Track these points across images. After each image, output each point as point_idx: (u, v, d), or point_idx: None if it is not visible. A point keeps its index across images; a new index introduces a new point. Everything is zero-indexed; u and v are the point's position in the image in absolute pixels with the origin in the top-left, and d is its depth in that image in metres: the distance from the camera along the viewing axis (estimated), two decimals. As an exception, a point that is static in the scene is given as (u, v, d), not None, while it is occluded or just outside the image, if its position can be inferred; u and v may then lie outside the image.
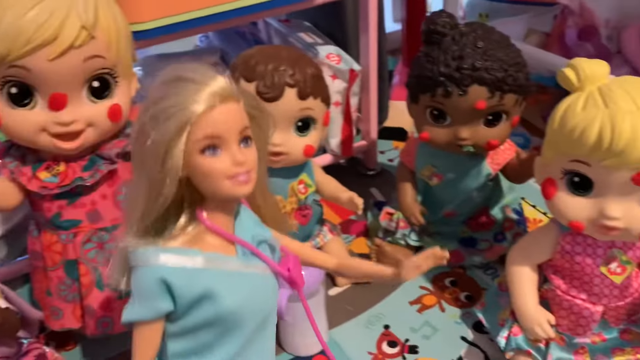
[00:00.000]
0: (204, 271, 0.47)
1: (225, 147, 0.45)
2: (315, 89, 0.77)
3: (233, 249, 0.49)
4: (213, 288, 0.47)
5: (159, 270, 0.46)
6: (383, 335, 0.81)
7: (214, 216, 0.48)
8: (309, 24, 1.18)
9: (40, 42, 0.58)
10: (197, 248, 0.47)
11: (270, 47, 0.80)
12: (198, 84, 0.45)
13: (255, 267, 0.50)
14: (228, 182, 0.46)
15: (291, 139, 0.79)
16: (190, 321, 0.48)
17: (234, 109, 0.46)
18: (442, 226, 0.93)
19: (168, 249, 0.46)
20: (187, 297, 0.46)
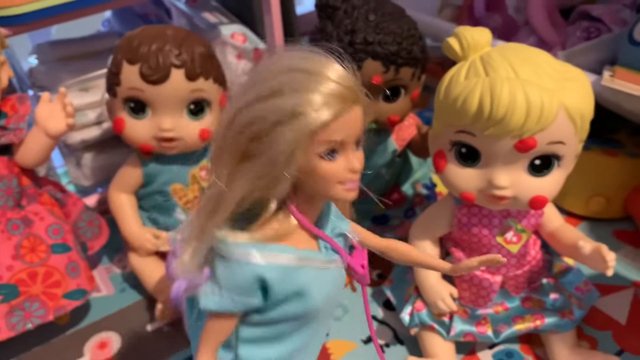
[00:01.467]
0: (298, 269, 0.45)
1: (343, 151, 0.43)
2: (205, 69, 0.74)
3: (315, 244, 0.47)
4: (305, 286, 0.45)
5: (256, 267, 0.43)
6: (293, 320, 0.79)
7: (302, 209, 0.46)
8: (215, 4, 1.13)
9: None
10: (289, 244, 0.45)
11: (155, 27, 0.75)
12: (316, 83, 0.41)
13: (335, 262, 0.48)
14: (339, 187, 0.44)
15: (184, 123, 0.75)
16: (276, 314, 0.46)
17: (359, 114, 0.43)
18: (358, 205, 0.91)
19: (265, 246, 0.44)
20: (281, 294, 0.45)
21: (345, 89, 0.42)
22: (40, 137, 0.68)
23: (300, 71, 0.41)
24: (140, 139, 0.75)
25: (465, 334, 0.69)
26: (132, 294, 0.85)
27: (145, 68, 0.71)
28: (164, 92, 0.72)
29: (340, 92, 0.41)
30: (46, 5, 0.74)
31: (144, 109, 0.74)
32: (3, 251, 0.67)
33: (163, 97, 0.73)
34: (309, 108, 0.40)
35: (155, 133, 0.74)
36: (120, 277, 0.89)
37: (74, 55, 0.98)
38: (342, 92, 0.41)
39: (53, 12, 0.75)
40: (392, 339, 0.76)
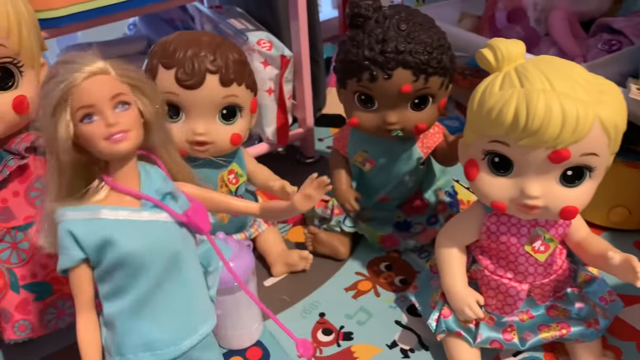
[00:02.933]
0: (103, 221, 0.53)
1: (100, 114, 0.51)
2: (238, 75, 0.75)
3: (138, 203, 0.56)
4: (111, 235, 0.53)
5: (66, 223, 0.53)
6: (318, 323, 0.80)
7: (117, 176, 0.55)
8: (241, 11, 1.15)
9: None
10: (98, 204, 0.54)
11: (190, 32, 0.77)
12: (74, 64, 0.51)
13: (158, 215, 0.56)
14: (105, 142, 0.52)
15: (216, 127, 0.77)
16: (104, 266, 0.54)
17: (103, 80, 0.52)
18: (377, 211, 0.93)
19: (75, 207, 0.53)
20: (91, 245, 0.53)
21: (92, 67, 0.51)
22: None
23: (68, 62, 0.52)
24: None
25: (491, 340, 0.70)
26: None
27: (180, 73, 0.72)
28: (198, 96, 0.73)
29: (85, 68, 0.51)
30: (84, 9, 0.76)
31: (178, 112, 0.75)
32: (38, 250, 0.69)
33: (197, 101, 0.74)
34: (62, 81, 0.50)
35: (188, 137, 0.76)
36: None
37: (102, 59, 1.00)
38: (86, 68, 0.51)
39: (90, 16, 0.77)
40: (416, 345, 0.77)
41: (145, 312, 0.56)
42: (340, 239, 0.90)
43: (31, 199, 0.68)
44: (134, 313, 0.56)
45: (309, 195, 0.61)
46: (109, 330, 0.57)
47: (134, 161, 0.56)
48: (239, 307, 0.74)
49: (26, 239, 0.68)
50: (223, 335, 0.76)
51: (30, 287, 0.69)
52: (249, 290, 0.62)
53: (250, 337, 0.77)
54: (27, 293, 0.69)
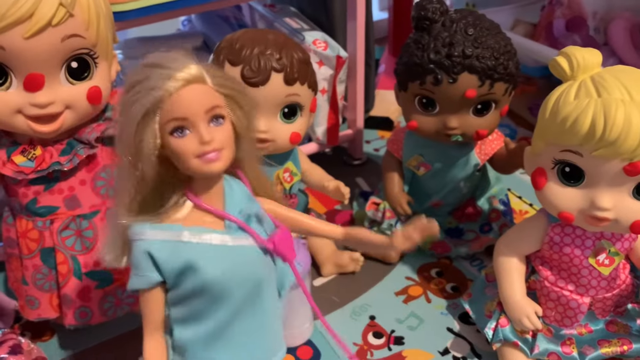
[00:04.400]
0: (187, 244, 0.50)
1: (193, 128, 0.47)
2: (302, 74, 0.75)
3: (222, 224, 0.52)
4: (194, 260, 0.49)
5: (144, 243, 0.49)
6: (369, 326, 0.80)
7: (201, 193, 0.51)
8: (294, 10, 1.15)
9: (15, 19, 0.56)
10: (180, 223, 0.50)
11: (256, 30, 0.77)
12: (167, 69, 0.47)
13: (243, 240, 0.52)
14: (197, 161, 0.48)
15: (277, 125, 0.77)
16: (181, 290, 0.51)
17: (199, 90, 0.47)
18: (429, 216, 0.91)
19: (155, 225, 0.50)
20: (171, 269, 0.50)
21: (186, 73, 0.47)
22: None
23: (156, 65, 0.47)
24: (234, 138, 0.77)
25: (549, 353, 0.69)
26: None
27: (247, 70, 0.73)
28: (262, 94, 0.74)
29: (179, 76, 0.46)
30: (153, 3, 0.77)
31: (241, 109, 0.76)
32: (102, 239, 0.70)
33: (261, 99, 0.74)
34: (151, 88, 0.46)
35: (249, 133, 0.76)
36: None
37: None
38: (180, 75, 0.46)
39: (158, 10, 0.78)
40: (469, 353, 0.76)
41: (221, 342, 0.53)
42: (391, 243, 0.89)
43: (97, 188, 0.69)
44: (209, 341, 0.53)
45: (410, 236, 0.58)
46: (178, 355, 0.54)
47: (222, 176, 0.52)
48: (292, 306, 0.74)
49: (90, 227, 0.69)
50: (275, 332, 0.77)
51: (92, 275, 0.70)
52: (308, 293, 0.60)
53: (301, 335, 0.77)
54: (89, 281, 0.70)
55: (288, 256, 0.54)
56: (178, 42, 1.03)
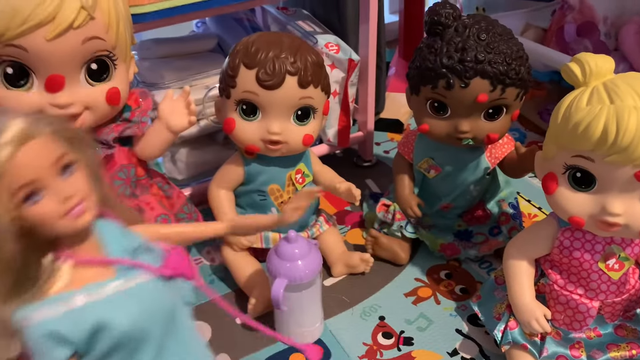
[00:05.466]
0: (86, 307, 0.46)
1: (45, 188, 0.43)
2: (316, 78, 0.76)
3: (112, 270, 0.48)
4: (101, 319, 0.46)
5: (42, 325, 0.44)
6: (378, 326, 0.81)
7: (76, 249, 0.47)
8: (307, 13, 1.16)
9: (38, 21, 0.57)
10: (71, 288, 0.46)
11: (271, 33, 0.79)
12: None
13: (139, 277, 0.49)
14: (65, 221, 0.44)
15: (290, 127, 0.78)
16: (96, 353, 0.47)
17: (36, 147, 0.42)
18: (438, 219, 0.93)
19: (42, 303, 0.45)
20: (81, 337, 0.45)
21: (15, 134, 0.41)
22: (162, 131, 0.72)
23: None
24: (248, 139, 0.78)
25: (558, 356, 0.69)
26: (221, 286, 0.88)
27: (262, 73, 0.74)
28: (276, 97, 0.75)
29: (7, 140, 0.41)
30: (168, 6, 0.78)
31: (255, 111, 0.77)
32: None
33: (275, 101, 0.75)
34: None
35: (263, 135, 0.77)
36: (208, 269, 0.92)
37: (175, 54, 1.03)
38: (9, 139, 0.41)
39: (174, 13, 0.79)
40: (477, 355, 0.76)
41: None
42: (400, 244, 0.90)
43: (115, 187, 0.71)
44: None
45: (297, 206, 0.60)
46: None
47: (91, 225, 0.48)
48: (302, 306, 0.76)
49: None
50: (285, 332, 0.78)
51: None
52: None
53: (312, 335, 0.78)
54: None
55: (188, 274, 0.51)
56: (192, 45, 1.05)
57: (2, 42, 0.58)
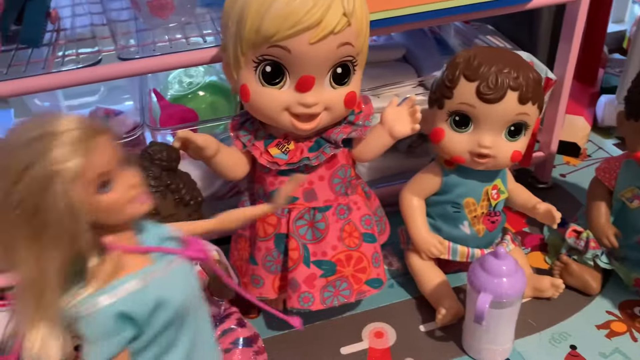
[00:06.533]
0: (144, 288, 0.50)
1: (115, 177, 0.47)
2: (535, 95, 0.76)
3: (149, 258, 0.52)
4: (160, 296, 0.50)
5: (107, 308, 0.48)
6: (570, 355, 0.78)
7: (118, 239, 0.50)
8: (491, 27, 1.15)
9: (307, 25, 0.61)
10: (124, 274, 0.49)
11: (492, 48, 0.79)
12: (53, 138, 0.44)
13: (174, 262, 0.53)
14: (133, 206, 0.48)
15: (500, 142, 0.78)
16: (152, 331, 0.51)
17: (107, 141, 0.47)
18: (633, 252, 0.88)
19: (102, 290, 0.48)
20: (144, 315, 0.50)
21: (80, 130, 0.44)
22: (383, 136, 0.74)
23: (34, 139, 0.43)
24: (456, 150, 0.79)
25: None
26: (400, 292, 0.90)
27: (483, 87, 0.74)
28: (494, 111, 0.75)
29: (78, 136, 0.44)
30: (395, 15, 0.80)
31: (468, 123, 0.78)
32: (332, 232, 0.75)
33: (492, 115, 0.76)
34: (59, 165, 0.43)
35: (473, 148, 0.78)
36: (387, 273, 0.93)
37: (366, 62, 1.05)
38: (79, 135, 0.44)
39: (401, 21, 0.81)
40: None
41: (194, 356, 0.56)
42: (592, 274, 0.87)
43: (333, 185, 0.74)
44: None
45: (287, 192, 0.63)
46: None
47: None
48: (499, 323, 0.75)
49: (323, 220, 0.74)
50: (476, 347, 0.78)
51: (319, 264, 0.75)
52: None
53: (502, 354, 0.78)
54: (316, 269, 0.75)
55: (204, 258, 0.56)
56: (382, 53, 1.07)
57: (270, 42, 0.63)
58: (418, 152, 1.03)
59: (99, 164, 0.45)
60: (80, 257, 0.47)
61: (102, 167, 0.45)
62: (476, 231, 0.86)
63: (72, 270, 0.47)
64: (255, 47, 0.64)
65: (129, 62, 0.77)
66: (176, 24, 0.86)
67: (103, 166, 0.46)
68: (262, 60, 0.65)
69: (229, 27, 0.66)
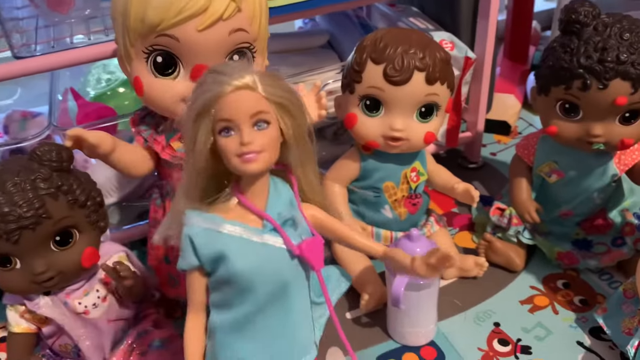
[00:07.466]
0: (223, 235, 0.53)
1: (237, 129, 0.51)
2: (443, 74, 0.75)
3: (260, 222, 0.55)
4: (226, 251, 0.53)
5: (189, 229, 0.53)
6: (493, 332, 0.79)
7: (246, 191, 0.54)
8: (416, 10, 1.15)
9: (192, 12, 0.59)
10: (222, 215, 0.54)
11: (399, 29, 0.78)
12: (223, 76, 0.50)
13: (275, 240, 0.54)
14: (236, 159, 0.51)
15: (412, 124, 0.77)
16: (216, 277, 0.54)
17: (246, 96, 0.50)
18: (555, 226, 0.89)
19: (200, 214, 0.53)
20: (207, 255, 0.53)
21: (239, 80, 0.50)
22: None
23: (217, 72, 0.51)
24: (369, 135, 0.78)
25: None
26: (329, 281, 0.89)
27: (389, 69, 0.73)
28: (402, 93, 0.74)
29: (232, 82, 0.50)
30: (293, 2, 0.79)
31: (379, 107, 0.77)
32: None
33: (400, 97, 0.75)
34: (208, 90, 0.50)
35: (385, 131, 0.77)
36: (316, 263, 0.92)
37: (289, 49, 1.04)
38: (233, 82, 0.50)
39: (302, 7, 0.79)
40: (602, 370, 0.73)
41: (245, 331, 0.56)
42: (516, 250, 0.87)
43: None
44: (234, 329, 0.56)
45: (432, 266, 0.59)
46: (209, 339, 0.57)
47: (266, 178, 0.55)
48: (419, 305, 0.75)
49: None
50: (399, 331, 0.77)
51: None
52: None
53: (425, 336, 0.77)
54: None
55: (315, 264, 0.56)
56: (305, 40, 1.06)
57: (156, 32, 0.60)
58: (344, 139, 1.02)
59: (225, 110, 0.50)
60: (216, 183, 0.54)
61: (226, 115, 0.50)
62: (398, 214, 0.85)
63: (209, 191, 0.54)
64: (142, 37, 0.61)
65: (24, 60, 0.74)
66: (79, 19, 0.83)
67: (227, 114, 0.50)
68: (152, 50, 0.62)
69: (116, 18, 0.63)
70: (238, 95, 0.50)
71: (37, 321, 0.67)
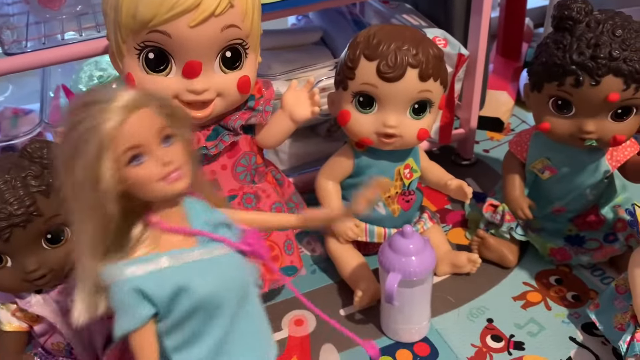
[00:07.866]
0: (170, 269, 0.49)
1: (148, 153, 0.47)
2: (436, 71, 0.75)
3: (194, 240, 0.51)
4: (183, 282, 0.49)
5: (129, 281, 0.48)
6: (487, 328, 0.79)
7: (164, 216, 0.50)
8: (410, 6, 1.15)
9: (184, 8, 0.59)
10: (156, 251, 0.49)
11: (393, 26, 0.78)
12: (104, 103, 0.46)
13: (218, 249, 0.52)
14: (162, 183, 0.48)
15: (406, 121, 0.77)
16: (175, 316, 0.50)
17: (144, 115, 0.47)
18: (548, 222, 0.89)
19: (132, 261, 0.49)
20: (163, 297, 0.49)
21: (126, 101, 0.46)
22: (284, 120, 0.73)
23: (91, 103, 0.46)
24: (362, 132, 0.78)
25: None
26: (322, 277, 0.89)
27: (383, 65, 0.73)
28: (396, 90, 0.74)
29: (121, 105, 0.45)
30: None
31: (372, 104, 0.77)
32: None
33: (394, 94, 0.75)
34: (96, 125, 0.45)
35: (378, 128, 0.77)
36: (309, 259, 0.92)
37: (282, 46, 1.04)
38: (122, 104, 0.45)
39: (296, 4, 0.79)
40: (594, 365, 0.73)
41: (224, 353, 0.53)
42: (509, 247, 0.88)
43: (237, 173, 0.72)
44: (213, 358, 0.52)
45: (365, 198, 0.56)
46: None
47: (181, 197, 0.51)
48: (413, 302, 0.75)
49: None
50: (393, 327, 0.77)
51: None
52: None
53: (419, 332, 0.77)
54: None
55: (263, 253, 0.54)
56: (299, 36, 1.05)
57: (148, 27, 0.60)
58: (337, 136, 1.02)
59: (128, 136, 0.45)
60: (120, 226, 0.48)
61: (134, 140, 0.46)
62: (391, 211, 0.85)
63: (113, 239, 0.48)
64: (134, 33, 0.61)
65: (15, 56, 0.73)
66: (70, 15, 0.83)
67: (134, 140, 0.46)
68: (143, 47, 0.62)
69: (108, 14, 0.63)
70: (135, 118, 0.46)
71: (29, 319, 0.66)
